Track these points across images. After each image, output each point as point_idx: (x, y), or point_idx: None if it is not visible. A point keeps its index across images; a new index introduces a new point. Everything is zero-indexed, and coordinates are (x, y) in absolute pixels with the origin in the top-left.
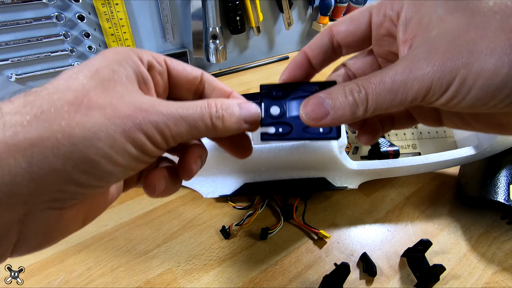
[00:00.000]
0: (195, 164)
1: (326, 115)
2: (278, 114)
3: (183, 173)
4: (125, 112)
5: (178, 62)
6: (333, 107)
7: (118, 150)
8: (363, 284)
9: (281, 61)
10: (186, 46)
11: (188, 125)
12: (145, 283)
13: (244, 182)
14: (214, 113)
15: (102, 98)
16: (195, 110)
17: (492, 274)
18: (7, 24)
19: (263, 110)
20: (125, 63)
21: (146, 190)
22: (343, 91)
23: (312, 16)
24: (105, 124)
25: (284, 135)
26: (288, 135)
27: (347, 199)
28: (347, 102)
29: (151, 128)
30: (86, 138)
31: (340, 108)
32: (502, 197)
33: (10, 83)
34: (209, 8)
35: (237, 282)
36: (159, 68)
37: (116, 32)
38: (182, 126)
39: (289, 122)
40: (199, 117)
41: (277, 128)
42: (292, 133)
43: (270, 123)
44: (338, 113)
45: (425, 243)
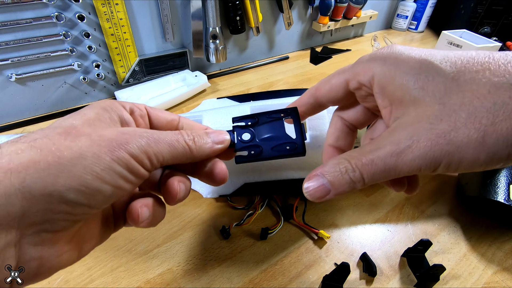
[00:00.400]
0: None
1: (328, 193)
2: (249, 139)
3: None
4: (109, 136)
5: (157, 109)
6: (333, 186)
7: (104, 168)
8: (363, 284)
9: (281, 61)
10: (186, 46)
11: (167, 145)
12: (145, 283)
13: (244, 182)
14: (186, 136)
15: (87, 129)
16: (171, 134)
17: (492, 274)
18: (7, 24)
19: (235, 137)
20: (109, 109)
21: (130, 218)
22: (339, 170)
23: (312, 16)
24: (91, 145)
25: (255, 156)
26: (259, 156)
27: (347, 199)
28: (345, 180)
29: (135, 147)
30: (73, 158)
31: (339, 186)
32: (502, 197)
33: (10, 83)
34: (209, 8)
35: (237, 282)
36: (139, 112)
37: (116, 32)
38: (162, 145)
39: (259, 144)
40: (175, 139)
41: (250, 150)
42: (263, 153)
43: (242, 148)
44: (338, 190)
45: (425, 243)
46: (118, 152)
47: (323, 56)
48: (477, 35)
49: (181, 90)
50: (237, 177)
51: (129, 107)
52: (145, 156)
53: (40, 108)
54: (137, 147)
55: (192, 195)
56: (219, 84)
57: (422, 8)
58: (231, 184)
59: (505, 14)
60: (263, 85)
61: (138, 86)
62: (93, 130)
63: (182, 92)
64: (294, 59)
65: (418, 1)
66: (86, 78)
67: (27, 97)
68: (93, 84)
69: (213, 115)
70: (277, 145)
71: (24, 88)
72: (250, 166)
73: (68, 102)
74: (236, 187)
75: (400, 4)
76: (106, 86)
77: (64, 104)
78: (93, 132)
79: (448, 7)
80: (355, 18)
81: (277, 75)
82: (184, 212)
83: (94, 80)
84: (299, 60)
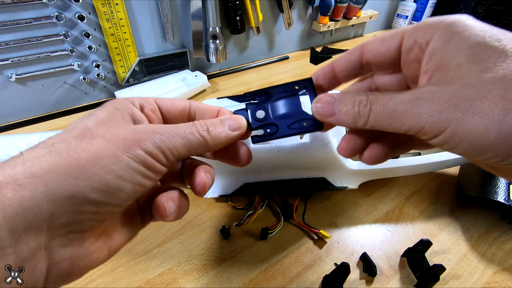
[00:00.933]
0: (204, 175)
1: (332, 115)
2: (264, 116)
3: (196, 186)
4: (123, 135)
5: (166, 98)
6: (339, 111)
7: (122, 166)
8: (363, 284)
9: (281, 61)
10: (186, 46)
11: (181, 139)
12: (145, 283)
13: (244, 182)
14: (200, 127)
15: (101, 130)
16: (184, 127)
17: (492, 274)
18: (7, 24)
19: (250, 115)
20: (120, 108)
21: (157, 213)
22: (353, 100)
23: (312, 16)
24: (107, 145)
25: (272, 134)
26: (275, 134)
27: (347, 199)
28: (352, 111)
29: (148, 144)
30: (91, 159)
31: (344, 114)
32: (502, 197)
33: (10, 83)
34: (209, 8)
35: (237, 282)
36: (149, 106)
37: (116, 32)
38: (175, 140)
39: (275, 122)
40: (189, 132)
41: (265, 129)
42: (279, 131)
43: (258, 126)
44: (341, 117)
45: (425, 243)
46: (133, 149)
47: (323, 56)
48: None
49: (181, 90)
50: (237, 177)
51: (139, 103)
52: (160, 152)
53: (40, 108)
54: (151, 144)
55: (192, 195)
56: (219, 84)
57: (422, 8)
58: (231, 184)
59: (505, 14)
60: (263, 85)
61: (138, 86)
62: (107, 130)
63: (182, 92)
64: (294, 59)
65: (418, 1)
66: (86, 78)
67: (27, 97)
68: (93, 84)
69: None
70: (294, 122)
71: (24, 88)
72: (250, 166)
73: (68, 102)
74: (236, 187)
75: (400, 4)
76: (106, 86)
77: (64, 104)
78: (107, 132)
79: (448, 7)
80: (355, 18)
81: (277, 75)
82: None
83: (94, 80)
84: (299, 60)
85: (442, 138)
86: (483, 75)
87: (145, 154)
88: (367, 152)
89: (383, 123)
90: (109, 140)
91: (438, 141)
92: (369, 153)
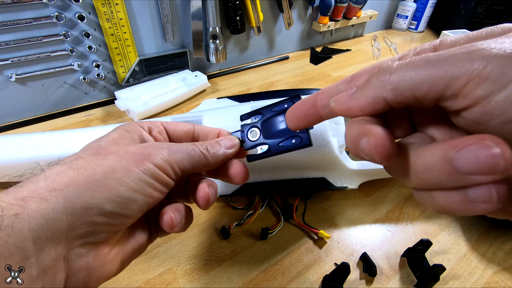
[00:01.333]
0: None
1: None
2: (257, 137)
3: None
4: (134, 151)
5: (173, 122)
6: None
7: (134, 179)
8: (363, 284)
9: (281, 61)
10: (186, 46)
11: (185, 154)
12: (145, 283)
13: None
14: (200, 146)
15: (114, 148)
16: (187, 145)
17: (492, 274)
18: (7, 24)
19: (245, 136)
20: (130, 130)
21: (164, 224)
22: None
23: (312, 16)
24: (119, 160)
25: (264, 154)
26: (267, 153)
27: (347, 199)
28: (372, 80)
29: (158, 158)
30: (106, 173)
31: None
32: None
33: (10, 83)
34: (209, 8)
35: (237, 282)
36: (157, 129)
37: (116, 32)
38: (181, 154)
39: (266, 142)
40: (191, 149)
41: (258, 148)
42: (271, 150)
43: (251, 146)
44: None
45: (425, 243)
46: (144, 163)
47: (323, 56)
48: None
49: (181, 90)
50: None
51: (147, 127)
52: (168, 165)
53: (40, 108)
54: (160, 158)
55: None
56: (219, 84)
57: (422, 8)
58: (231, 184)
59: (505, 14)
60: (263, 85)
61: (138, 86)
62: (119, 148)
63: (182, 92)
64: (294, 59)
65: (418, 1)
66: (86, 78)
67: (27, 97)
68: (93, 84)
69: (213, 115)
70: (283, 140)
71: (24, 88)
72: (250, 166)
73: (68, 102)
74: (236, 187)
75: (400, 4)
76: (106, 86)
77: (64, 104)
78: (119, 149)
79: (448, 7)
80: (355, 18)
81: (277, 75)
82: None
83: (94, 80)
84: (299, 60)
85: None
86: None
87: (155, 167)
88: None
89: (417, 76)
90: (122, 156)
91: (506, 98)
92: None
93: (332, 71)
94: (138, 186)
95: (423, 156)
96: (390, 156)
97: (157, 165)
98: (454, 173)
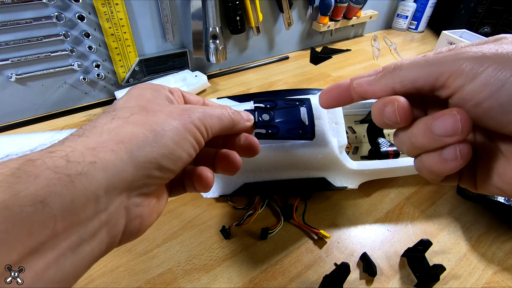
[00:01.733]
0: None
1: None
2: (268, 119)
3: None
4: (177, 112)
5: (186, 92)
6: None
7: (182, 138)
8: (363, 284)
9: (281, 61)
10: (186, 46)
11: (217, 119)
12: (145, 283)
13: (244, 182)
14: (230, 111)
15: (157, 107)
16: (219, 109)
17: (492, 274)
18: (7, 24)
19: (256, 116)
20: (157, 90)
21: (201, 182)
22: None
23: (312, 16)
24: (169, 120)
25: (272, 134)
26: (275, 135)
27: (347, 199)
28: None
29: (197, 121)
30: (161, 130)
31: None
32: (502, 197)
33: (10, 83)
34: (209, 8)
35: (237, 282)
36: (177, 93)
37: (116, 32)
38: (214, 119)
39: (277, 125)
40: (222, 113)
41: (267, 130)
42: (279, 133)
43: (261, 125)
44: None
45: (425, 243)
46: (188, 125)
47: (323, 56)
48: (477, 35)
49: None
50: (237, 177)
51: (169, 89)
52: (204, 128)
53: (40, 108)
54: (198, 120)
55: (192, 195)
56: (219, 84)
57: (422, 8)
58: (231, 184)
59: (505, 14)
60: (263, 85)
61: None
62: (161, 107)
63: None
64: (294, 59)
65: (418, 1)
66: (86, 78)
67: (27, 97)
68: (93, 84)
69: None
70: (292, 128)
71: (24, 88)
72: (250, 166)
73: (68, 102)
74: (236, 187)
75: (400, 4)
76: (106, 86)
77: (64, 104)
78: (163, 108)
79: (448, 7)
80: (355, 18)
81: (277, 75)
82: (184, 212)
83: (94, 80)
84: (299, 60)
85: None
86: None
87: (196, 130)
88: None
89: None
90: (168, 115)
91: (474, 87)
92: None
93: (332, 71)
94: (185, 145)
95: (416, 125)
96: (409, 117)
97: (197, 126)
98: (432, 135)
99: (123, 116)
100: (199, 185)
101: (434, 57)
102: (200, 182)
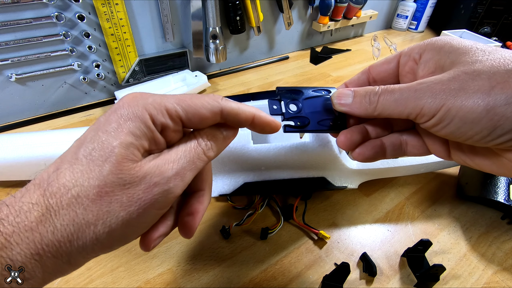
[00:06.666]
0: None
1: (346, 105)
2: (296, 110)
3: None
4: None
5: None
6: (353, 101)
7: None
8: (363, 284)
9: (281, 61)
10: (186, 46)
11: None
12: (145, 283)
13: (244, 182)
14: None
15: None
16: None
17: (492, 274)
18: (7, 24)
19: (283, 107)
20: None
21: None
22: (365, 91)
23: (312, 16)
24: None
25: (303, 126)
26: (307, 127)
27: (347, 199)
28: (364, 100)
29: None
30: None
31: (358, 103)
32: (502, 197)
33: (10, 83)
34: (209, 8)
35: (237, 282)
36: (172, 126)
37: (116, 32)
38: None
39: (307, 116)
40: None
41: (296, 121)
42: (310, 125)
43: (290, 117)
44: (355, 106)
45: (425, 243)
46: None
47: (323, 56)
48: (477, 35)
49: (181, 90)
50: (237, 176)
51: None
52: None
53: (40, 108)
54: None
55: None
56: (219, 84)
57: (422, 8)
58: (231, 183)
59: (505, 14)
60: (263, 85)
61: (138, 86)
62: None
63: (182, 92)
64: (294, 59)
65: (418, 1)
66: (86, 78)
67: (27, 97)
68: (93, 84)
69: None
70: (323, 120)
71: (24, 88)
72: (250, 166)
73: (68, 102)
74: (236, 187)
75: (400, 4)
76: (106, 86)
77: (64, 104)
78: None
79: (448, 7)
80: (355, 18)
81: (277, 75)
82: None
83: (94, 80)
84: (299, 60)
85: (438, 117)
86: (474, 65)
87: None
88: (358, 150)
89: (389, 109)
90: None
91: (435, 120)
92: (359, 150)
93: (332, 71)
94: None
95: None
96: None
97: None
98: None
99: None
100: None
101: (406, 96)
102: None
